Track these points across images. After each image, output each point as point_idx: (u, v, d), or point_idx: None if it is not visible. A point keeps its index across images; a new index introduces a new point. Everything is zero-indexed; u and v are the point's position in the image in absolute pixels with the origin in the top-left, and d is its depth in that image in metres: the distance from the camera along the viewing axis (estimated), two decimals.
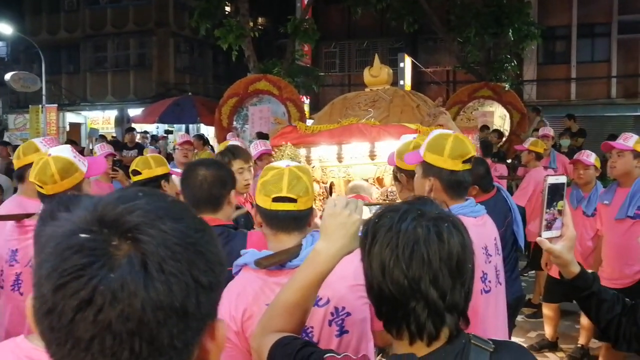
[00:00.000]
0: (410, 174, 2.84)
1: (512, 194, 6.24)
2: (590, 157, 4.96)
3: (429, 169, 2.29)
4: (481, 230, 2.25)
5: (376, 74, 4.72)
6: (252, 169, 3.67)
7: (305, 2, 15.59)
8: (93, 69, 23.36)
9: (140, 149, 10.49)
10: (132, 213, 0.66)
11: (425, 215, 1.23)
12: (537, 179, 6.06)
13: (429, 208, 1.26)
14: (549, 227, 1.64)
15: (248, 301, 1.76)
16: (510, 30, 12.05)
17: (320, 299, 1.73)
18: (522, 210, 5.85)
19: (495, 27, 11.99)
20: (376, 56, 4.94)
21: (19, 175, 3.02)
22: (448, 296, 1.19)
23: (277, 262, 1.75)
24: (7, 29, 20.76)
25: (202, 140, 9.67)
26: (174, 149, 9.06)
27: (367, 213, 1.63)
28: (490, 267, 2.26)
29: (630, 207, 4.09)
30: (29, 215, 2.43)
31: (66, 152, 2.52)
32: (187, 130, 17.19)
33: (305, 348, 1.41)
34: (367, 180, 4.41)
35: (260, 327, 1.54)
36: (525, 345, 2.86)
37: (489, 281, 2.24)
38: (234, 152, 3.59)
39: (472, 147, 2.31)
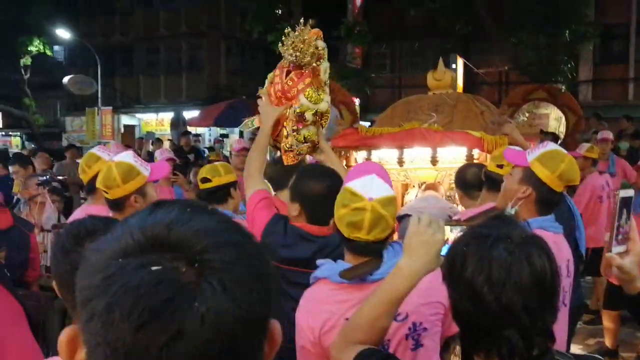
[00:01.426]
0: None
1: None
2: None
3: (531, 178, 2.25)
4: (557, 248, 2.24)
5: (440, 77, 4.73)
6: None
7: (357, 3, 15.64)
8: (146, 71, 23.99)
9: (196, 152, 10.73)
10: (194, 236, 0.64)
11: (513, 240, 1.25)
12: (593, 185, 5.99)
13: (515, 231, 1.29)
14: (618, 241, 1.61)
15: (327, 314, 1.81)
16: (567, 31, 11.80)
17: (399, 314, 1.76)
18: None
19: (550, 28, 11.76)
20: (440, 60, 4.93)
21: (90, 188, 3.08)
22: (539, 320, 1.22)
23: (360, 275, 1.80)
24: (65, 33, 21.60)
25: None
26: (230, 153, 9.22)
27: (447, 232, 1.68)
28: (560, 288, 2.27)
29: None
30: None
31: (127, 157, 2.63)
32: (241, 134, 17.46)
33: None
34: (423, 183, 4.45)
35: (342, 337, 1.59)
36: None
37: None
38: None
39: (579, 174, 2.33)
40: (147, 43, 23.94)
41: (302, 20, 2.56)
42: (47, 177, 5.36)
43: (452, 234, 2.52)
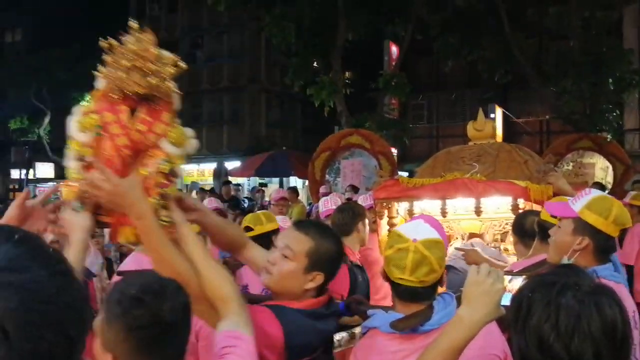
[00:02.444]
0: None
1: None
2: None
3: (585, 228, 2.20)
4: (622, 299, 2.16)
5: (480, 127, 4.70)
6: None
7: (394, 56, 15.90)
8: (189, 124, 24.52)
9: (235, 201, 10.86)
10: None
11: (582, 289, 1.22)
12: None
13: (584, 280, 1.26)
14: None
15: None
16: (611, 80, 11.64)
17: None
18: (630, 269, 5.53)
19: (594, 77, 11.63)
20: (480, 110, 4.93)
21: None
22: None
23: (412, 326, 1.78)
24: None
25: (295, 193, 9.97)
26: (268, 203, 9.32)
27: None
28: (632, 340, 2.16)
29: None
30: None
31: None
32: (280, 184, 17.70)
33: None
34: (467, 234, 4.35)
35: None
36: None
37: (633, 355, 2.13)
38: None
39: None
40: (191, 97, 24.70)
41: (134, 23, 1.65)
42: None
43: (511, 284, 2.44)
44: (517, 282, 2.42)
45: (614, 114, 12.21)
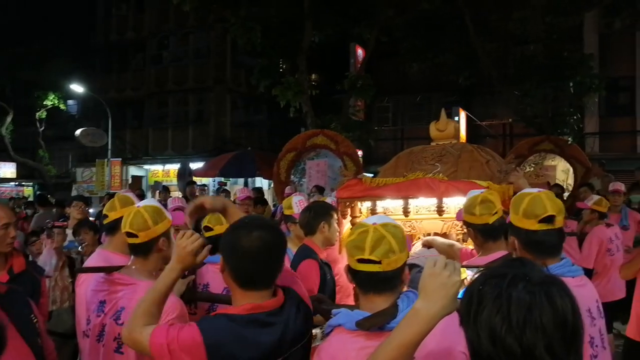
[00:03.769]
0: (478, 228, 2.79)
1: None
2: None
3: (511, 228, 2.34)
4: (582, 291, 2.17)
5: (442, 128, 4.70)
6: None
7: (360, 58, 15.93)
8: (155, 124, 24.37)
9: None
10: None
11: (532, 280, 1.20)
12: (600, 238, 5.88)
13: (534, 272, 1.24)
14: None
15: None
16: (572, 83, 11.88)
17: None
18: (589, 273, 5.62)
19: (556, 80, 11.86)
20: (442, 110, 4.93)
21: (112, 227, 2.97)
22: None
23: (378, 324, 1.74)
24: (78, 88, 22.26)
25: (261, 193, 9.89)
26: (233, 202, 9.21)
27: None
28: (596, 331, 2.18)
29: None
30: (117, 268, 2.49)
31: (152, 201, 2.64)
32: (245, 184, 17.54)
33: None
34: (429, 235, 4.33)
35: None
36: None
37: (596, 346, 2.14)
38: None
39: (552, 205, 2.25)
40: (157, 97, 24.44)
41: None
42: (49, 223, 5.33)
43: (470, 276, 2.46)
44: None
45: (575, 117, 12.46)
